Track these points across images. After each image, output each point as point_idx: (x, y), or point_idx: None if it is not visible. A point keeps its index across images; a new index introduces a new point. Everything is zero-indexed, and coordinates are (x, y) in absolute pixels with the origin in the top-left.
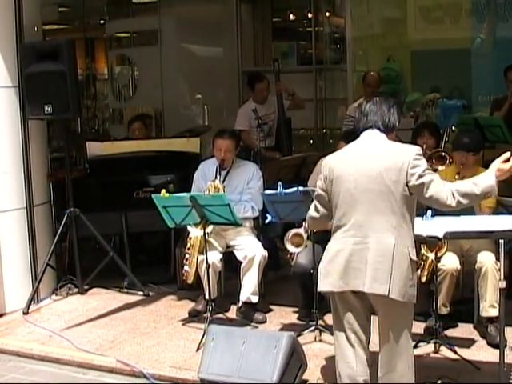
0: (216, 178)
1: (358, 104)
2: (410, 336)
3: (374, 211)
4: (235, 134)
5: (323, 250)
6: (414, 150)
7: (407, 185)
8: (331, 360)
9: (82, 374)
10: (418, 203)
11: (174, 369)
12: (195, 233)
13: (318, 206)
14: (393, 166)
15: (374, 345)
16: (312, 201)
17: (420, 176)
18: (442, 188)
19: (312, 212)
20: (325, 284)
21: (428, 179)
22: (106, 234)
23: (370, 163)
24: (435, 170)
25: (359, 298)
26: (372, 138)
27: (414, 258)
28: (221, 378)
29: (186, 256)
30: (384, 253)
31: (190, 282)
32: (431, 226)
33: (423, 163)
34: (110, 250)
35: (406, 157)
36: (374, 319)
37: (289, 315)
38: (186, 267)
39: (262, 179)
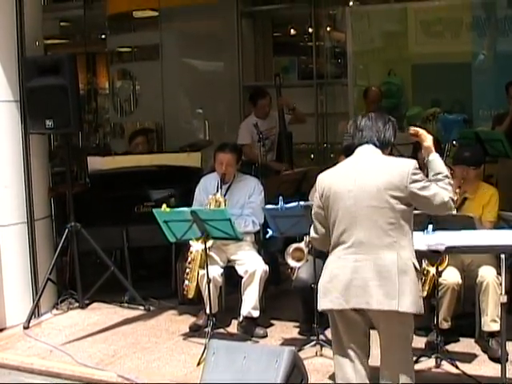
0: (217, 191)
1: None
2: (410, 351)
3: (374, 227)
4: (236, 148)
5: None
6: (412, 164)
7: (407, 199)
8: (332, 375)
9: None
10: (417, 218)
11: None
12: (196, 247)
13: (317, 224)
14: (391, 181)
15: (374, 359)
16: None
17: (423, 188)
18: (443, 195)
19: (312, 233)
20: (325, 302)
21: (433, 192)
22: (107, 249)
23: (368, 179)
24: None
25: (360, 315)
26: (367, 154)
27: (418, 267)
28: None
29: (187, 270)
30: (388, 268)
31: (190, 296)
32: (432, 240)
33: (422, 176)
34: (110, 264)
35: (405, 171)
36: (374, 334)
37: (290, 330)
38: (186, 281)
39: (263, 193)
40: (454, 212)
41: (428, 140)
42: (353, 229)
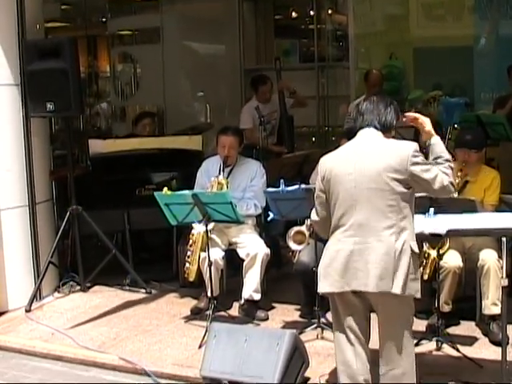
0: (219, 174)
1: (358, 102)
2: (410, 333)
3: (374, 210)
4: (239, 131)
5: None
6: (412, 146)
7: (407, 181)
8: (333, 358)
9: (85, 372)
10: (419, 201)
11: (176, 366)
12: (198, 229)
13: (318, 207)
14: (392, 164)
15: (375, 343)
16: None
17: (424, 171)
18: (443, 179)
19: (313, 216)
20: (325, 285)
21: (433, 174)
22: (109, 232)
23: (368, 162)
24: None
25: (359, 298)
26: (369, 137)
27: (416, 250)
28: (223, 376)
29: (188, 253)
30: (386, 251)
31: (191, 279)
32: (433, 223)
33: (422, 159)
34: (112, 247)
35: (405, 154)
36: (374, 317)
37: (291, 313)
38: (187, 264)
39: (265, 177)
40: (456, 195)
41: (427, 124)
42: (352, 211)
